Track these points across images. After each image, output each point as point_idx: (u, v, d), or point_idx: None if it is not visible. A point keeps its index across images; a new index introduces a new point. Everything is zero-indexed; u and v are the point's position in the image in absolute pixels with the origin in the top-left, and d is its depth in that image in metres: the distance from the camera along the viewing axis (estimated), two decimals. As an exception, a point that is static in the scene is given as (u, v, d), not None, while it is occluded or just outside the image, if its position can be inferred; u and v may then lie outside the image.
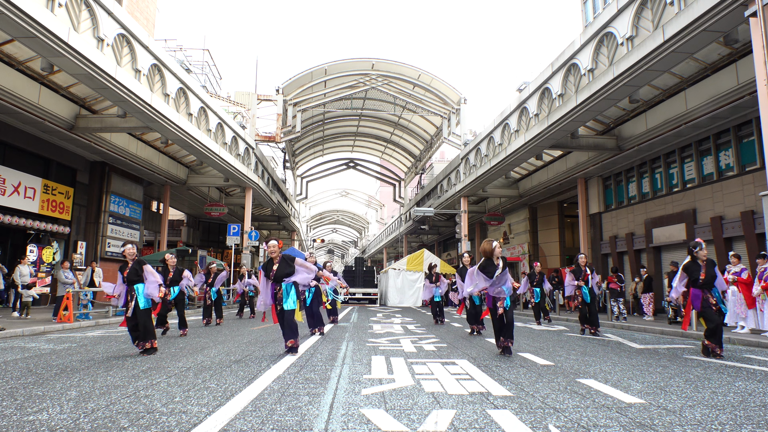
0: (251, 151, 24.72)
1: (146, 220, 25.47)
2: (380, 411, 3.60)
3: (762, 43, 8.32)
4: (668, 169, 16.67)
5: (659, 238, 16.66)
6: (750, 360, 6.49)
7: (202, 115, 18.50)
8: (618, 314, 13.60)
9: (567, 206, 25.80)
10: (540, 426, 3.24)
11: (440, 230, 40.04)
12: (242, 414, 3.50)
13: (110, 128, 16.18)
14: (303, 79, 27.82)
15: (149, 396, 4.06)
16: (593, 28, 13.20)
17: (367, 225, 71.85)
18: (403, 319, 14.14)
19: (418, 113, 30.94)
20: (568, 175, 20.37)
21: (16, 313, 12.61)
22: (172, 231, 32.32)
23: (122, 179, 21.27)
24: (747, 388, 4.54)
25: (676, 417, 3.49)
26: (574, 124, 14.83)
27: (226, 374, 5.08)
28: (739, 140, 13.81)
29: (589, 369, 5.59)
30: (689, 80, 13.60)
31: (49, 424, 3.23)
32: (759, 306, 9.46)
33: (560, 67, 14.97)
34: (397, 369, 5.44)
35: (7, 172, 15.70)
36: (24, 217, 16.36)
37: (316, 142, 39.27)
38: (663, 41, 10.24)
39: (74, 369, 5.39)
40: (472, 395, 4.15)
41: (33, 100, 13.91)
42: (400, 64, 28.02)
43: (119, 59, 13.03)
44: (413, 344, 7.83)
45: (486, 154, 21.96)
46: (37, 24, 9.70)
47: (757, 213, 12.67)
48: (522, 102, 17.93)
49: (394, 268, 27.60)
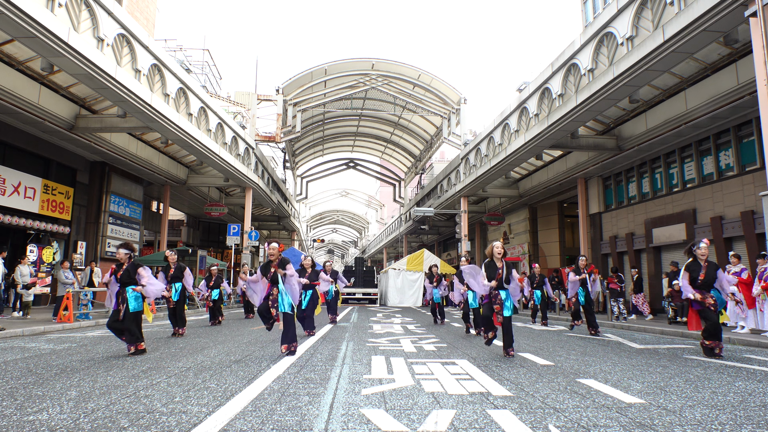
0: (251, 151, 24.72)
1: (146, 220, 25.46)
2: (380, 411, 3.60)
3: (762, 43, 8.32)
4: (668, 169, 16.67)
5: (659, 238, 16.65)
6: (750, 360, 6.49)
7: (202, 115, 18.50)
8: (618, 314, 13.59)
9: (567, 206, 25.79)
10: (540, 426, 3.24)
11: (440, 230, 40.04)
12: (242, 414, 3.50)
13: (110, 128, 16.18)
14: (303, 79, 27.83)
15: (149, 396, 4.05)
16: (593, 28, 13.20)
17: (367, 225, 71.85)
18: (403, 319, 14.14)
19: (418, 113, 30.94)
20: (568, 175, 20.37)
21: (16, 313, 12.61)
22: (172, 231, 32.32)
23: (122, 179, 21.26)
24: (747, 388, 4.53)
25: (676, 417, 3.49)
26: (574, 124, 14.83)
27: (226, 374, 5.08)
28: (739, 140, 13.81)
29: (589, 369, 5.58)
30: (689, 80, 13.60)
31: (49, 424, 3.23)
32: (759, 306, 9.47)
33: (560, 67, 14.97)
34: (397, 369, 5.44)
35: (7, 172, 15.70)
36: (24, 217, 16.35)
37: (316, 142, 39.27)
38: (663, 41, 10.24)
39: (74, 369, 5.39)
40: (472, 395, 4.15)
41: (33, 100, 13.91)
42: (400, 64, 28.02)
43: (119, 59, 13.02)
44: (413, 344, 7.83)
45: (486, 154, 21.96)
46: (37, 24, 9.70)
47: (757, 213, 12.67)
48: (522, 102, 17.93)
49: (394, 268, 27.60)
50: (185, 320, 9.55)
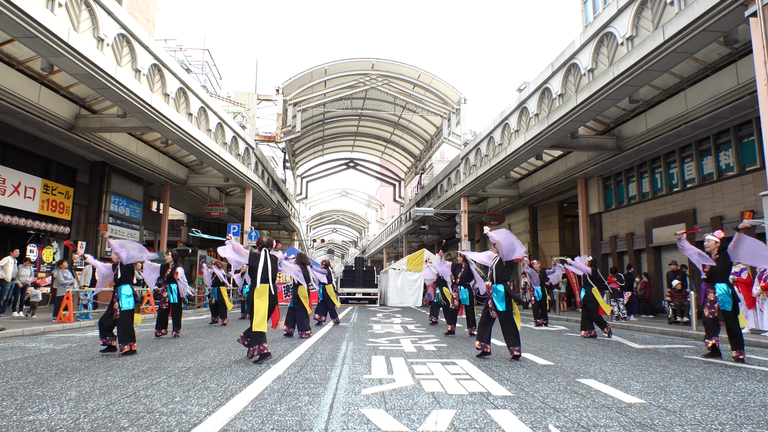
0: (251, 151, 24.72)
1: (146, 220, 25.46)
2: (380, 411, 3.60)
3: (762, 43, 8.32)
4: (668, 169, 16.67)
5: (659, 238, 16.65)
6: (750, 360, 6.49)
7: (202, 115, 18.50)
8: (618, 314, 13.59)
9: (567, 206, 25.79)
10: (540, 426, 3.24)
11: (440, 230, 40.02)
12: (242, 414, 3.50)
13: (110, 128, 16.17)
14: (303, 79, 27.82)
15: (149, 396, 4.06)
16: (593, 28, 13.19)
17: (367, 225, 71.83)
18: (403, 319, 14.13)
19: (418, 113, 30.93)
20: (568, 175, 20.37)
21: (17, 313, 12.60)
22: (172, 231, 32.31)
23: (122, 179, 21.26)
24: (747, 388, 4.54)
25: (676, 417, 3.49)
26: (574, 124, 14.83)
27: (226, 374, 5.08)
28: (739, 140, 13.81)
29: (589, 369, 5.59)
30: (689, 80, 13.60)
31: (49, 424, 3.23)
32: (759, 306, 9.47)
33: (560, 67, 14.97)
34: (397, 369, 5.44)
35: (7, 172, 15.69)
36: (24, 217, 16.35)
37: (316, 142, 39.26)
38: (663, 41, 10.24)
39: (74, 369, 5.39)
40: (472, 395, 4.15)
41: (33, 100, 13.91)
42: (400, 64, 28.01)
43: (119, 59, 13.02)
44: (413, 344, 7.83)
45: (486, 154, 21.96)
46: (37, 24, 9.70)
47: (757, 213, 12.66)
48: (522, 102, 17.93)
49: (394, 268, 27.60)
50: (180, 323, 9.36)
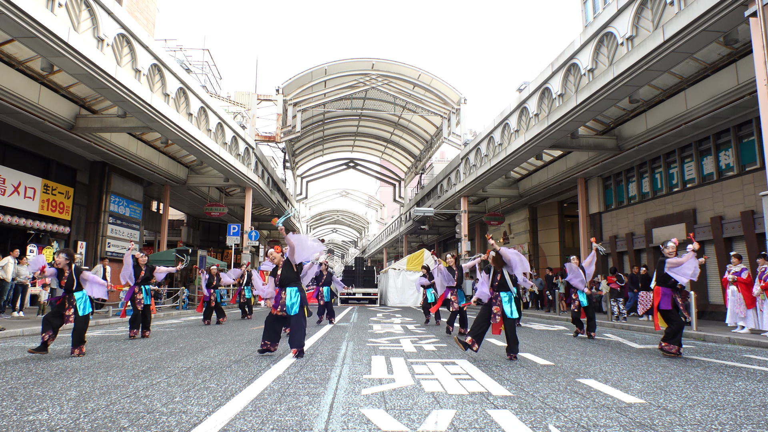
0: (251, 151, 24.72)
1: (146, 220, 25.45)
2: (380, 411, 3.60)
3: (762, 43, 8.32)
4: (668, 169, 16.67)
5: (659, 238, 16.64)
6: (750, 360, 6.49)
7: (202, 115, 18.50)
8: (618, 314, 13.60)
9: (567, 206, 25.79)
10: (540, 426, 3.24)
11: (440, 230, 40.04)
12: (242, 414, 3.50)
13: (110, 128, 16.17)
14: (303, 79, 27.82)
15: (149, 396, 4.06)
16: (593, 28, 13.20)
17: (367, 225, 71.82)
18: (403, 319, 14.13)
19: (418, 113, 30.93)
20: (568, 175, 20.37)
21: (17, 313, 12.60)
22: (172, 231, 32.29)
23: (122, 179, 21.25)
24: (747, 388, 4.54)
25: (676, 417, 3.49)
26: (574, 124, 14.83)
27: (226, 374, 5.08)
28: (739, 140, 13.80)
29: (589, 369, 5.59)
30: (689, 80, 13.60)
31: (49, 424, 3.23)
32: (759, 306, 9.46)
33: (560, 67, 14.97)
34: (397, 369, 5.44)
35: (7, 172, 15.69)
36: (24, 217, 16.34)
37: (316, 142, 39.27)
38: (663, 41, 10.24)
39: (74, 369, 5.39)
40: (472, 395, 4.15)
41: (33, 100, 13.90)
42: (400, 64, 28.01)
43: (119, 59, 13.02)
44: (413, 344, 7.83)
45: (486, 154, 21.96)
46: (37, 24, 9.70)
47: (757, 213, 12.67)
48: (522, 102, 17.93)
49: (394, 268, 27.60)
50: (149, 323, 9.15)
